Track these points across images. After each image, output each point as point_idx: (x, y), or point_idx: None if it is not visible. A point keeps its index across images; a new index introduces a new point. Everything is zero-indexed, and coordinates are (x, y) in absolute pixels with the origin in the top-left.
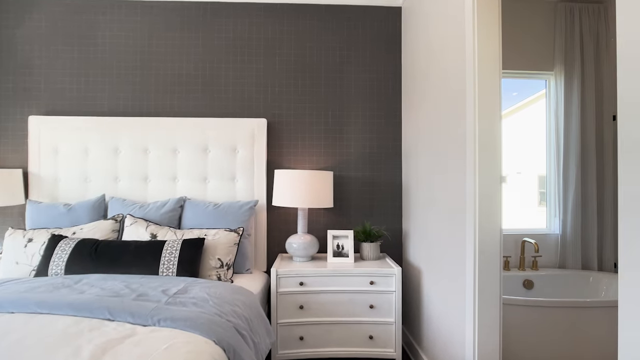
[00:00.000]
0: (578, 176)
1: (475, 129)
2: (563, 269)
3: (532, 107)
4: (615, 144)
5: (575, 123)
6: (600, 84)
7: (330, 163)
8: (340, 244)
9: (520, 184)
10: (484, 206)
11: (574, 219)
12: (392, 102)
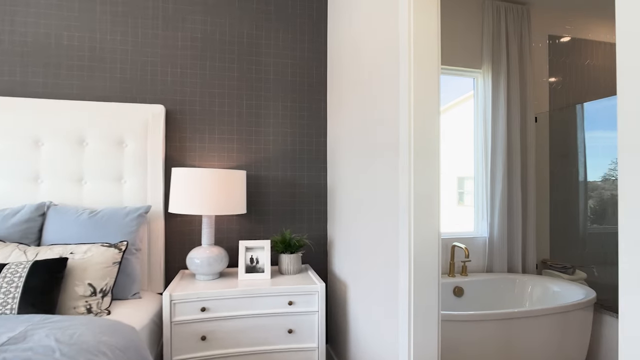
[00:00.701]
0: (504, 178)
1: (410, 124)
2: (491, 272)
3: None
4: (538, 146)
5: (502, 124)
6: (524, 85)
7: (244, 161)
8: (254, 257)
9: (442, 185)
10: (420, 211)
11: (501, 222)
12: (316, 94)
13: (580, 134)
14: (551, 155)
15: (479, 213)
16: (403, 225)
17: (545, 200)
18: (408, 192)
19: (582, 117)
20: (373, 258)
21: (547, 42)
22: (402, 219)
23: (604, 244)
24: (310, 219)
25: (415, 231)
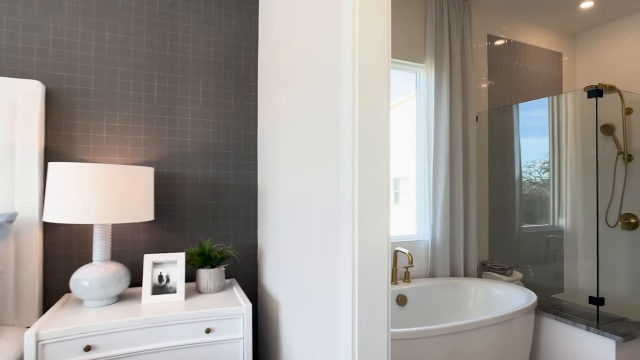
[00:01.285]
0: (447, 178)
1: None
2: (434, 277)
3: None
4: (479, 146)
5: (445, 121)
6: (466, 83)
7: (154, 156)
8: (164, 274)
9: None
10: (366, 216)
11: (443, 224)
12: (246, 79)
13: (516, 135)
14: (490, 155)
15: (421, 215)
16: (345, 232)
17: (484, 201)
18: (352, 192)
19: (518, 118)
20: (310, 271)
21: (486, 42)
22: (344, 223)
23: (536, 243)
24: (237, 225)
25: (360, 239)
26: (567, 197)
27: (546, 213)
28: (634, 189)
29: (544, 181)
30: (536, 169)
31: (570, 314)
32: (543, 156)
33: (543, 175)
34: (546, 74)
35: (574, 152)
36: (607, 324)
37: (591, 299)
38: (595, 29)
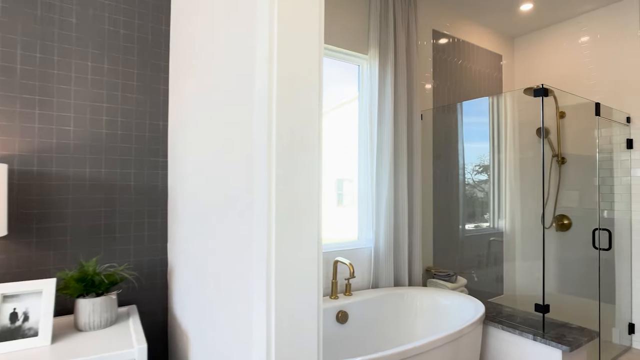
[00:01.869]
0: (391, 180)
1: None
2: (377, 288)
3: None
4: (424, 146)
5: (389, 119)
6: (411, 78)
7: (15, 148)
8: (20, 311)
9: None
10: (290, 226)
11: (387, 229)
12: (153, 56)
13: (460, 136)
14: (434, 156)
15: (363, 220)
16: (259, 246)
17: (429, 204)
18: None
19: (462, 118)
20: (220, 295)
21: (431, 37)
22: (258, 235)
23: (479, 246)
24: (139, 238)
25: (279, 256)
26: (506, 198)
27: (488, 215)
28: (566, 191)
29: (485, 183)
30: (478, 170)
31: (516, 322)
32: (484, 158)
33: (484, 177)
34: (488, 75)
35: (512, 154)
36: (552, 331)
37: (537, 307)
38: (532, 34)
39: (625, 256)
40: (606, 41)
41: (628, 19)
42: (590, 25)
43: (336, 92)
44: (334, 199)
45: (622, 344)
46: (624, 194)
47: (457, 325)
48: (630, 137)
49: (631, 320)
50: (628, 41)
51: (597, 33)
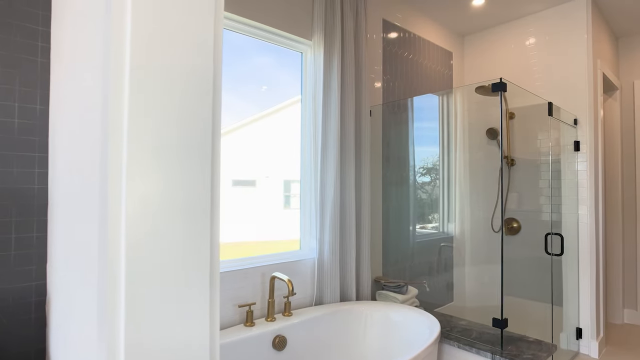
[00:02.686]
0: (337, 182)
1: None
2: (321, 305)
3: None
4: (373, 145)
5: (335, 113)
6: (359, 70)
7: None
8: None
9: (269, 189)
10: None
11: (333, 237)
12: (24, 18)
13: (411, 134)
14: (384, 157)
15: (306, 228)
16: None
17: (378, 207)
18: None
19: (412, 115)
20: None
21: (381, 28)
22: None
23: (430, 253)
24: (3, 259)
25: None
26: (456, 201)
27: (438, 219)
28: (515, 194)
29: (435, 185)
30: (428, 172)
31: (472, 338)
32: (435, 159)
33: (434, 179)
34: (439, 72)
35: (462, 156)
36: (510, 346)
37: (494, 321)
38: (482, 32)
39: (573, 259)
40: (553, 43)
41: (575, 21)
42: (538, 26)
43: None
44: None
45: (570, 349)
46: (572, 196)
47: (410, 345)
48: (577, 140)
49: (578, 325)
50: (575, 44)
51: (544, 34)
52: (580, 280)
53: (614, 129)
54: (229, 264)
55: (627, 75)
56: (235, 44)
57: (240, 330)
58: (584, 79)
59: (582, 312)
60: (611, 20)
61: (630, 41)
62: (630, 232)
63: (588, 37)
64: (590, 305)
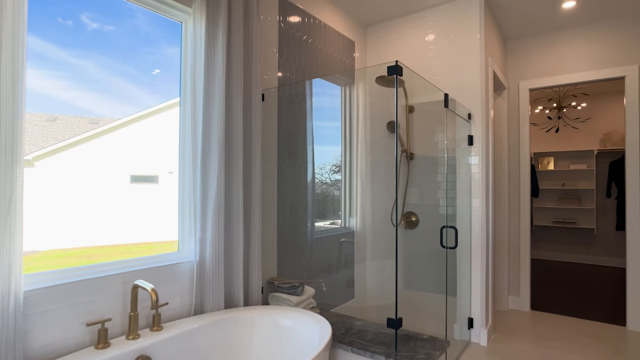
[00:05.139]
0: (221, 176)
1: None
2: (202, 314)
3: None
4: (267, 134)
5: (219, 95)
6: (250, 49)
7: None
8: None
9: (173, 185)
10: None
11: (216, 236)
12: None
13: (309, 124)
14: (279, 147)
15: (185, 227)
16: None
17: (272, 202)
18: None
19: (312, 102)
20: None
21: (277, 9)
22: None
23: (329, 250)
24: None
25: None
26: (357, 196)
27: (339, 214)
28: (414, 188)
29: (335, 179)
30: (329, 166)
31: (367, 340)
32: (336, 152)
33: (335, 173)
34: (342, 62)
35: (363, 149)
36: (404, 346)
37: (389, 322)
38: (384, 23)
39: (466, 251)
40: (450, 40)
41: (469, 18)
42: (436, 21)
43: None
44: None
45: (462, 339)
46: (466, 189)
47: (301, 353)
48: (471, 134)
49: (470, 315)
50: (469, 40)
51: (441, 29)
52: (472, 271)
53: (502, 126)
54: (76, 272)
55: (514, 76)
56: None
57: (88, 355)
58: (477, 76)
59: (473, 302)
60: (501, 22)
61: (516, 44)
62: (514, 222)
63: (481, 36)
64: (481, 295)
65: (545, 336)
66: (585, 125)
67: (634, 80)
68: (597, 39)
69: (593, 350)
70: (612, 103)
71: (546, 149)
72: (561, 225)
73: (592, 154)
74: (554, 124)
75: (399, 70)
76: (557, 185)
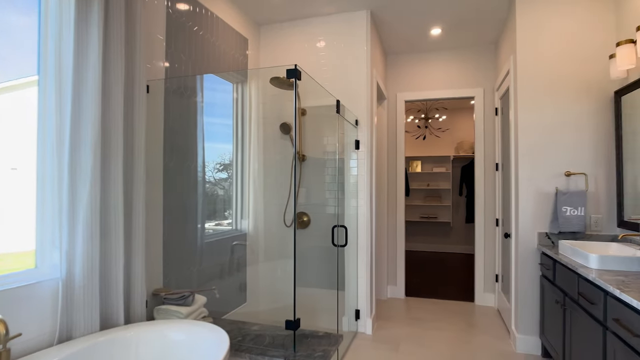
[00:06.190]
0: (96, 175)
1: None
2: (69, 341)
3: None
4: (152, 129)
5: (94, 84)
6: (133, 31)
7: None
8: None
9: (17, 184)
10: None
11: (89, 247)
12: None
13: (200, 121)
14: (166, 145)
15: (45, 237)
16: None
17: (157, 206)
18: None
19: (203, 98)
20: None
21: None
22: None
23: (221, 254)
24: None
25: None
26: (249, 197)
27: (231, 217)
28: (305, 189)
29: (227, 180)
30: (221, 166)
31: (265, 345)
32: (228, 152)
33: (226, 174)
34: (235, 58)
35: (256, 150)
36: (302, 346)
37: (287, 324)
38: (278, 25)
39: (353, 248)
40: (339, 47)
41: (357, 31)
42: (327, 29)
43: None
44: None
45: (350, 330)
46: (353, 190)
47: None
48: (357, 139)
49: (357, 307)
50: (357, 52)
51: (332, 38)
52: (359, 266)
53: (382, 132)
54: None
55: (392, 88)
56: None
57: None
58: (364, 86)
59: (359, 295)
60: (383, 38)
61: (395, 59)
62: (392, 219)
63: (367, 49)
64: (366, 287)
65: (418, 318)
66: (445, 135)
67: (480, 100)
68: (456, 63)
69: (453, 325)
70: (464, 117)
71: (415, 153)
72: (426, 220)
73: (449, 159)
74: (422, 132)
75: (298, 75)
76: (424, 186)
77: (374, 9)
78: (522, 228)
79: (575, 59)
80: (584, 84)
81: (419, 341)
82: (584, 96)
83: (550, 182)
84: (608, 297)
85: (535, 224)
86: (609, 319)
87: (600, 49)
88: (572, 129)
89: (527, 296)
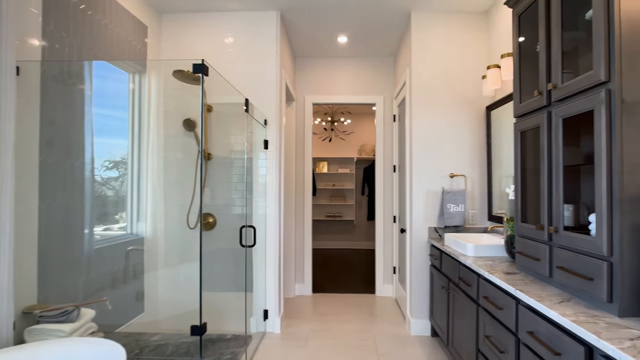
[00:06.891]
0: None
1: None
2: None
3: None
4: (24, 119)
5: None
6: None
7: None
8: None
9: None
10: None
11: None
12: None
13: (88, 112)
14: (42, 137)
15: None
16: None
17: (31, 210)
18: None
19: (92, 86)
20: None
21: None
22: None
23: (113, 261)
24: None
25: None
26: (147, 198)
27: (125, 219)
28: (210, 189)
29: (121, 180)
30: (113, 163)
31: (168, 355)
32: (122, 148)
33: (119, 173)
34: (132, 46)
35: (156, 147)
36: (209, 350)
37: (193, 329)
38: (183, 15)
39: (261, 248)
40: (248, 45)
41: (267, 30)
42: (236, 26)
43: None
44: None
45: (259, 330)
46: (261, 190)
47: None
48: (266, 139)
49: (265, 307)
50: (267, 51)
51: (241, 35)
52: (267, 266)
53: (290, 133)
54: None
55: (301, 90)
56: None
57: None
58: (273, 86)
59: (268, 295)
60: (292, 40)
61: (304, 62)
62: (299, 218)
63: (277, 49)
64: (274, 287)
65: (325, 313)
66: (350, 137)
67: (380, 107)
68: (360, 71)
69: (356, 316)
70: (367, 121)
71: (322, 154)
72: (332, 218)
73: (352, 161)
74: (328, 134)
75: (205, 70)
76: (329, 185)
77: (284, 11)
78: (415, 223)
79: (457, 76)
80: (464, 98)
81: (326, 334)
82: (465, 109)
83: (438, 183)
84: (480, 279)
85: (426, 220)
86: (480, 297)
87: (476, 70)
88: (455, 136)
89: (420, 284)
